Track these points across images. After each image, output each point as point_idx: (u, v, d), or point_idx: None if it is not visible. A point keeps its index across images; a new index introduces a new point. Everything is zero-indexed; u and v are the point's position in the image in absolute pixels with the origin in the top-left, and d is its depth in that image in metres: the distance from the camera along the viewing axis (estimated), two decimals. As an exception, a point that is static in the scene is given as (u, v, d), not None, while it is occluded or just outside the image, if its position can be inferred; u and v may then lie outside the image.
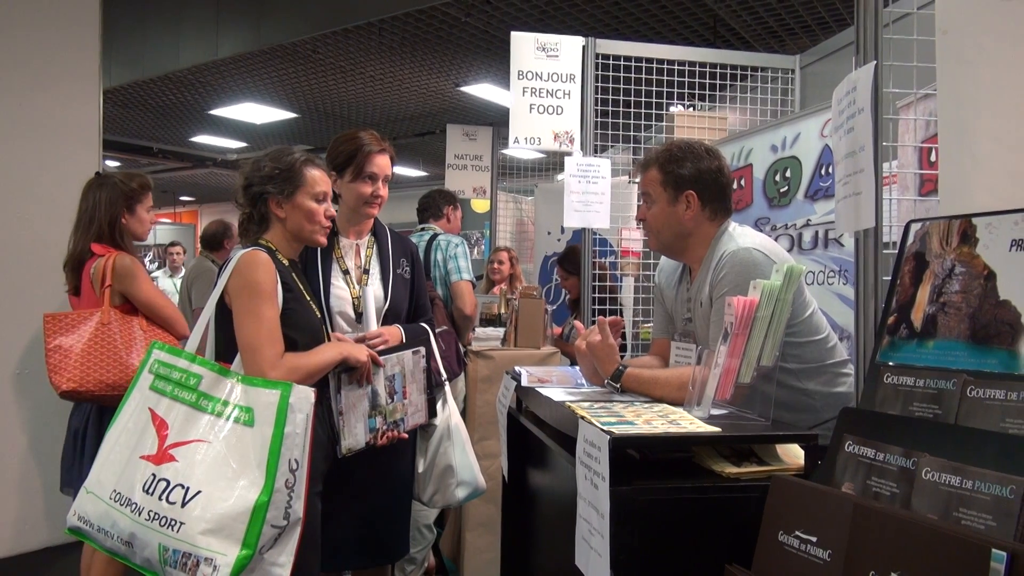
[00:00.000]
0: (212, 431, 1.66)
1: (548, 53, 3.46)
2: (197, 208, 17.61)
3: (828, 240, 2.88)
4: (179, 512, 1.57)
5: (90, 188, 2.92)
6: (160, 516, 1.58)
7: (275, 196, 1.92)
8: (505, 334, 3.34)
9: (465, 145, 6.01)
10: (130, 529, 1.60)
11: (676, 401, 1.70)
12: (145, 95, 7.91)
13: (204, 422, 1.68)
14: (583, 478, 1.43)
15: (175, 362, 1.76)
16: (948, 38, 1.50)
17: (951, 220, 1.34)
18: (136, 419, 1.73)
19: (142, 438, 1.69)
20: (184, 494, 1.58)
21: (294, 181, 1.93)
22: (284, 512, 1.62)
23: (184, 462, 1.62)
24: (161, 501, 1.59)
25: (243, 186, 1.97)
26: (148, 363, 1.80)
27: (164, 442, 1.66)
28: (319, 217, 1.95)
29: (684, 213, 1.93)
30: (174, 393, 1.73)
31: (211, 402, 1.70)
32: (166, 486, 1.60)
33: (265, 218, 1.96)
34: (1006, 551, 0.89)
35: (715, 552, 1.31)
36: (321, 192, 1.96)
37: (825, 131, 2.90)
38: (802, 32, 5.89)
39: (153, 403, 1.73)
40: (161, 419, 1.70)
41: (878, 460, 1.20)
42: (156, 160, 11.14)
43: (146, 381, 1.78)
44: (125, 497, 1.63)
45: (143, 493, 1.61)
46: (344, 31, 5.94)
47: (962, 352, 1.25)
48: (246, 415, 1.67)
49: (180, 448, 1.64)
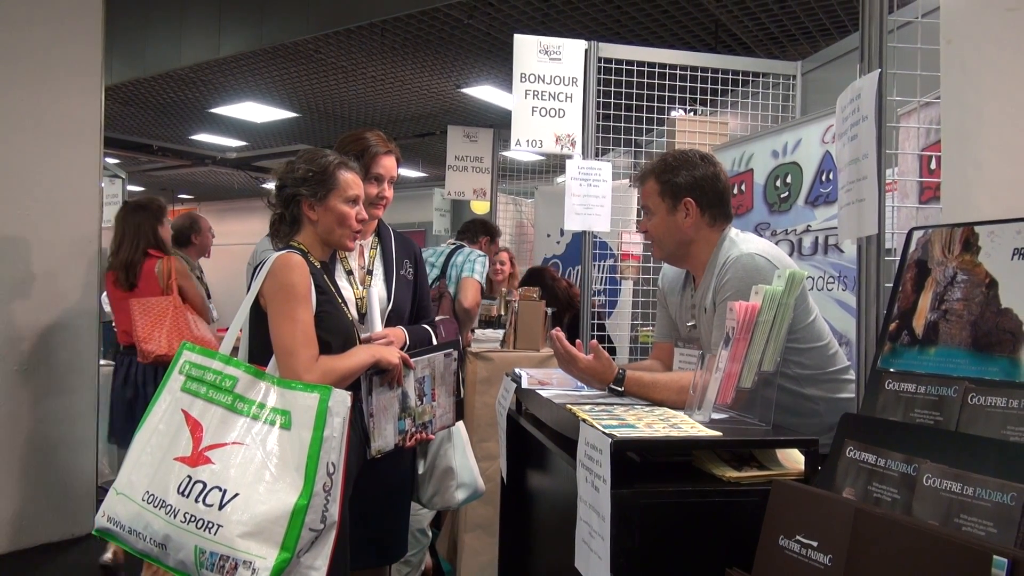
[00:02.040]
0: (249, 434, 1.66)
1: (551, 56, 3.46)
2: (196, 206, 17.58)
3: (828, 246, 2.89)
4: (216, 515, 1.56)
5: (129, 212, 3.75)
6: (197, 518, 1.57)
7: (308, 199, 1.92)
8: (504, 336, 3.34)
9: (466, 146, 6.01)
10: (164, 531, 1.59)
11: (676, 405, 1.71)
12: (146, 93, 7.90)
13: (240, 424, 1.67)
14: (584, 481, 1.43)
15: (208, 363, 1.76)
16: (952, 47, 1.51)
17: (953, 228, 1.34)
18: (168, 420, 1.72)
19: (175, 440, 1.68)
20: (221, 496, 1.58)
21: (327, 184, 1.92)
22: (321, 515, 1.61)
23: (220, 464, 1.62)
24: (198, 503, 1.58)
25: (276, 187, 1.97)
26: (178, 364, 1.79)
27: (199, 444, 1.65)
28: (351, 221, 1.95)
29: (684, 221, 1.94)
30: (208, 395, 1.72)
31: (247, 404, 1.69)
32: (202, 488, 1.59)
33: (297, 220, 1.95)
34: (1007, 558, 0.89)
35: (716, 556, 1.31)
36: (354, 195, 1.96)
37: (827, 137, 2.91)
38: (803, 38, 5.90)
39: (186, 405, 1.72)
40: (195, 421, 1.69)
41: (879, 466, 1.20)
42: (156, 158, 11.11)
43: (177, 382, 1.77)
44: (159, 499, 1.62)
45: (178, 495, 1.60)
46: (346, 31, 5.94)
47: (963, 359, 1.25)
48: (283, 418, 1.67)
49: (216, 450, 1.64)
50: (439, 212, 6.74)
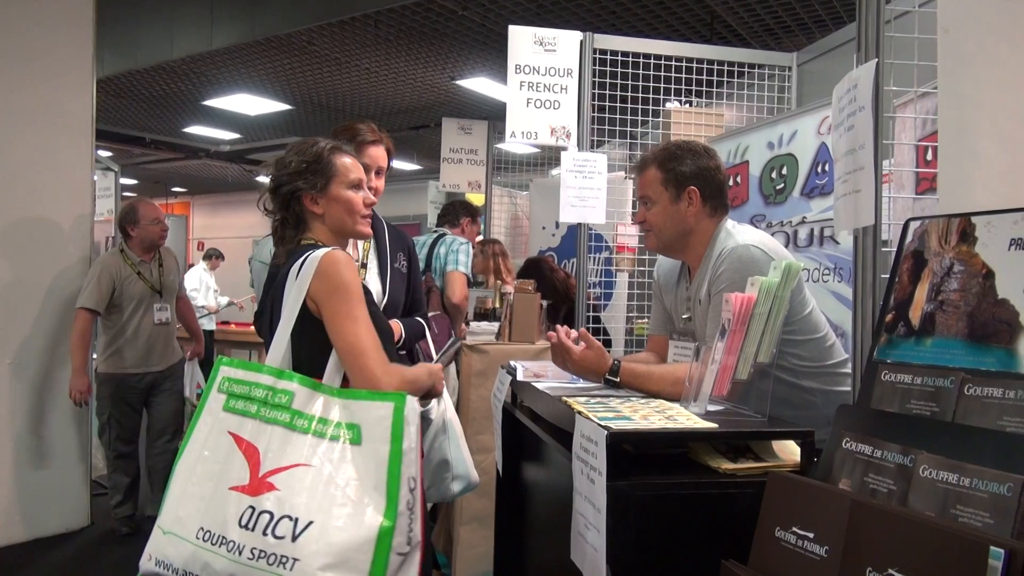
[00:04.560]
0: (315, 453, 1.48)
1: (546, 47, 3.45)
2: (189, 199, 17.52)
3: (824, 238, 2.88)
4: (290, 547, 1.39)
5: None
6: (267, 553, 1.39)
7: (308, 191, 1.77)
8: (499, 328, 3.33)
9: (460, 139, 5.99)
10: (229, 571, 1.42)
11: (670, 397, 1.70)
12: (138, 85, 7.86)
13: (303, 444, 1.49)
14: (579, 473, 1.42)
15: (255, 378, 1.58)
16: (950, 37, 1.50)
17: (950, 218, 1.34)
18: (214, 446, 1.55)
19: (226, 467, 1.51)
20: (293, 527, 1.40)
21: (325, 172, 1.77)
22: (407, 537, 1.45)
23: (286, 490, 1.44)
24: (267, 536, 1.40)
25: (272, 189, 1.80)
26: (216, 381, 1.62)
27: (258, 469, 1.48)
28: (358, 206, 1.81)
29: (687, 210, 1.93)
30: (260, 413, 1.54)
31: (307, 421, 1.51)
32: (270, 519, 1.42)
33: (302, 219, 1.79)
34: (1004, 548, 0.89)
35: (712, 548, 1.31)
36: (356, 179, 1.81)
37: (822, 128, 2.90)
38: (799, 29, 5.89)
39: (234, 426, 1.55)
40: (248, 443, 1.52)
41: (876, 457, 1.20)
42: (149, 150, 11.07)
43: (217, 402, 1.60)
44: (217, 535, 1.44)
45: (241, 529, 1.42)
46: (340, 23, 5.91)
47: (960, 350, 1.25)
48: (350, 433, 1.50)
49: (279, 475, 1.46)
50: (434, 205, 6.71)
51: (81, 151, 4.13)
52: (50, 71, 3.99)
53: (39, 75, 3.94)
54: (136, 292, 3.93)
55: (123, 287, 3.89)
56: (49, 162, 3.98)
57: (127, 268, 3.92)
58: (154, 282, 4.00)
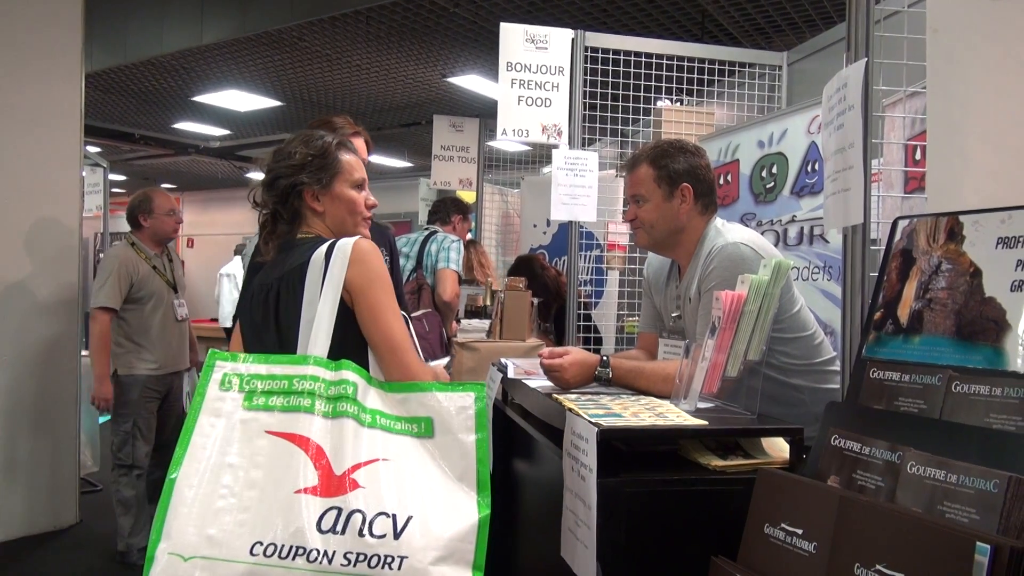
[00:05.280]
0: (387, 447, 1.40)
1: (537, 45, 3.44)
2: (179, 196, 17.42)
3: (813, 236, 2.90)
4: (394, 545, 1.29)
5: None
6: (368, 556, 1.28)
7: (310, 187, 1.67)
8: (490, 326, 3.33)
9: (452, 136, 5.98)
10: None
11: (660, 394, 1.71)
12: (127, 80, 7.80)
13: (374, 438, 1.40)
14: (570, 470, 1.43)
15: (296, 371, 1.44)
16: (939, 37, 1.51)
17: (938, 217, 1.35)
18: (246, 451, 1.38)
19: (278, 470, 1.35)
20: (392, 523, 1.31)
21: (331, 168, 1.69)
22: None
23: (373, 486, 1.34)
24: (364, 537, 1.29)
25: (269, 181, 1.70)
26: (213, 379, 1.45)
27: (330, 468, 1.35)
28: (361, 207, 1.74)
29: (679, 207, 1.94)
30: (316, 407, 1.40)
31: (370, 415, 1.43)
32: (363, 518, 1.30)
33: (298, 214, 1.69)
34: (990, 544, 0.90)
35: (701, 544, 1.31)
36: (360, 179, 1.75)
37: (812, 128, 2.91)
38: (789, 29, 5.91)
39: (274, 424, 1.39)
40: (307, 440, 1.37)
41: (864, 454, 1.21)
42: (138, 146, 10.99)
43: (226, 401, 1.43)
44: (289, 547, 1.28)
45: (325, 534, 1.29)
46: (331, 19, 5.88)
47: (947, 348, 1.26)
48: (417, 426, 1.44)
49: (359, 471, 1.36)
50: (425, 202, 6.70)
51: (70, 147, 4.11)
52: (38, 66, 3.96)
53: (27, 70, 3.92)
54: (155, 288, 3.65)
55: (140, 283, 3.60)
56: (37, 158, 3.95)
57: (143, 262, 3.64)
58: (168, 277, 3.74)
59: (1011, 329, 1.17)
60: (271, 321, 1.64)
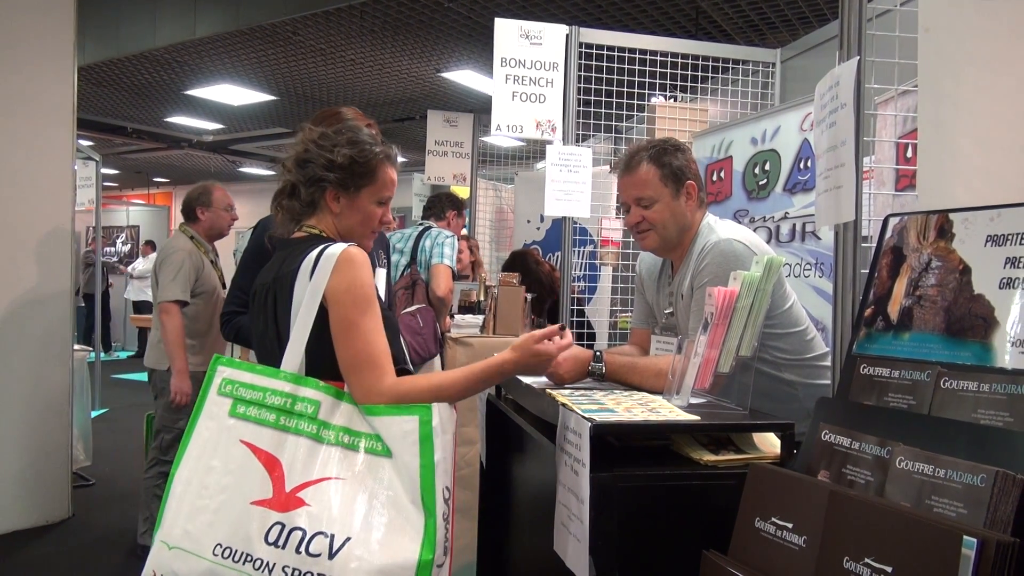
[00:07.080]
0: (344, 466, 1.41)
1: (531, 41, 3.45)
2: (171, 190, 17.36)
3: (805, 233, 2.91)
4: (327, 565, 1.33)
5: None
6: (302, 572, 1.33)
7: (335, 188, 1.64)
8: (484, 321, 3.34)
9: (446, 131, 5.98)
10: None
11: (652, 389, 1.72)
12: (120, 73, 7.76)
13: (332, 455, 1.42)
14: (563, 465, 1.44)
15: (270, 384, 1.47)
16: (930, 36, 1.52)
17: (928, 215, 1.36)
18: (224, 456, 1.45)
19: (244, 479, 1.42)
20: (329, 543, 1.34)
21: (365, 179, 1.65)
22: (444, 548, 1.41)
23: (317, 506, 1.37)
24: (300, 554, 1.34)
25: (302, 161, 1.65)
26: (215, 384, 1.50)
27: (283, 483, 1.40)
28: (375, 223, 1.71)
29: (687, 205, 1.94)
30: (281, 423, 1.44)
31: (333, 432, 1.44)
32: (303, 536, 1.35)
33: (314, 203, 1.66)
34: (977, 538, 0.91)
35: (693, 538, 1.32)
36: (387, 197, 1.72)
37: (805, 125, 2.92)
38: (783, 26, 5.93)
39: (248, 435, 1.45)
40: (268, 455, 1.42)
41: (853, 449, 1.22)
42: (130, 140, 10.95)
43: (219, 406, 1.48)
44: (240, 552, 1.36)
45: (269, 546, 1.35)
46: (325, 13, 5.86)
47: (937, 344, 1.27)
48: (378, 444, 1.43)
49: (308, 490, 1.39)
50: (419, 197, 6.70)
51: (62, 140, 4.09)
52: (30, 59, 3.94)
53: (19, 63, 3.90)
54: (212, 283, 3.56)
55: (203, 277, 3.51)
56: (29, 151, 3.94)
57: (203, 256, 3.56)
58: (221, 272, 3.65)
59: (999, 326, 1.19)
60: (271, 323, 1.64)
